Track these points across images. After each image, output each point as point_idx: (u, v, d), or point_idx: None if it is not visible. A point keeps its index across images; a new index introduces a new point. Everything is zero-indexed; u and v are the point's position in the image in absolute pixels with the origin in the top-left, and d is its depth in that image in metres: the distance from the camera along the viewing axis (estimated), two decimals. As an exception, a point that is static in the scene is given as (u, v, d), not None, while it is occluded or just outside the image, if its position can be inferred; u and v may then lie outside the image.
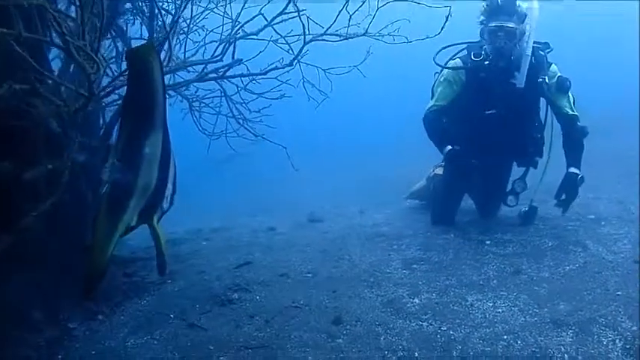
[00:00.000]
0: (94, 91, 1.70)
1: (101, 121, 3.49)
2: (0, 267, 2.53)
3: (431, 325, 2.59)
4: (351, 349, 2.40)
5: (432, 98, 4.02)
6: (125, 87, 1.95)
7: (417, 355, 2.31)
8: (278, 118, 4.20)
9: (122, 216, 1.70)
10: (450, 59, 3.93)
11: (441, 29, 3.39)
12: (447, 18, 3.29)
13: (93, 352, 2.64)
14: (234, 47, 3.23)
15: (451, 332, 2.49)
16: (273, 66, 3.50)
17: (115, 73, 3.09)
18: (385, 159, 7.96)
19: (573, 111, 3.79)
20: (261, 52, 3.59)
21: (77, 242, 3.09)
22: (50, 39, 1.47)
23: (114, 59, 3.30)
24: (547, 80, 3.68)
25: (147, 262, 3.93)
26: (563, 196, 3.73)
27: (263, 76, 3.77)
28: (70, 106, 1.79)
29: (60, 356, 2.64)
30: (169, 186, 1.89)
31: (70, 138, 2.24)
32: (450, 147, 3.84)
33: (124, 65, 3.33)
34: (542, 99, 3.91)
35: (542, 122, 3.94)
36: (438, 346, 2.37)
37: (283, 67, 3.45)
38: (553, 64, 3.83)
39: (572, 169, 3.72)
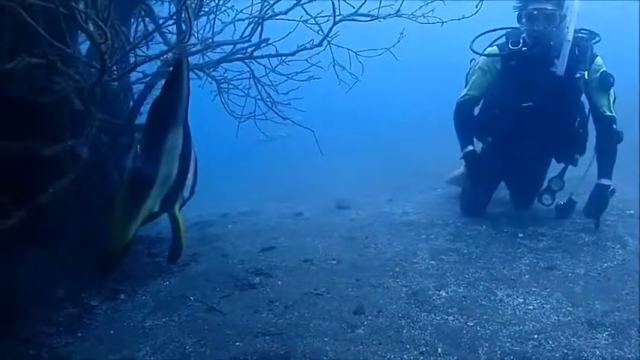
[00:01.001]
0: (106, 64, 1.65)
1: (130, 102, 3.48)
2: (22, 244, 2.54)
3: (457, 319, 2.47)
4: (371, 341, 2.32)
5: (465, 87, 3.84)
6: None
7: (439, 350, 2.20)
8: (307, 101, 4.10)
9: (145, 202, 1.79)
10: (488, 46, 3.73)
11: (477, 10, 3.20)
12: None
13: (111, 332, 2.63)
14: (262, 27, 3.14)
15: (478, 328, 2.37)
16: (302, 47, 3.38)
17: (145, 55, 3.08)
18: (418, 145, 7.78)
19: (611, 112, 3.52)
20: (290, 32, 3.49)
21: (102, 221, 3.10)
22: (55, 4, 1.42)
23: (142, 40, 3.26)
24: (586, 75, 3.41)
25: (169, 242, 3.93)
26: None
27: (292, 59, 3.69)
28: (88, 81, 1.74)
29: (79, 334, 2.64)
30: (190, 177, 1.98)
31: (91, 115, 2.21)
32: (470, 147, 3.72)
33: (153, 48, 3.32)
34: None
35: (587, 116, 3.67)
36: (463, 342, 2.26)
37: (312, 48, 3.33)
38: (598, 57, 3.54)
39: (603, 181, 3.48)
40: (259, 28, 3.23)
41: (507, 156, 3.73)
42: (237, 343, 2.37)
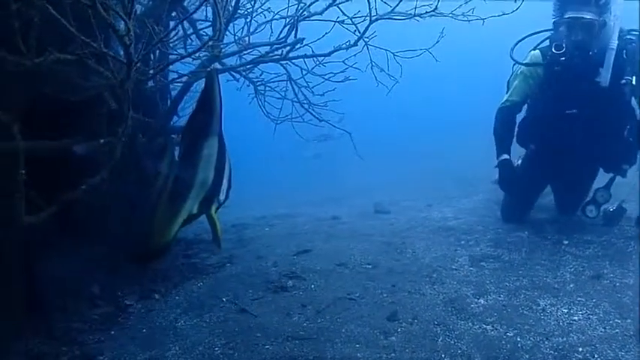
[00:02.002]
0: (132, 58, 1.65)
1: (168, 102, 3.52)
2: (60, 240, 2.60)
3: (496, 329, 2.35)
4: (404, 348, 2.23)
5: (507, 92, 3.68)
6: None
7: (476, 361, 2.09)
8: (345, 104, 4.05)
9: (184, 205, 2.02)
10: (532, 50, 3.57)
11: (518, 7, 3.06)
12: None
13: (144, 330, 2.65)
14: (296, 28, 3.12)
15: (518, 339, 2.25)
16: (338, 47, 3.34)
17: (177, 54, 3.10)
18: (460, 150, 7.60)
19: None
20: (327, 33, 3.46)
21: (138, 221, 3.15)
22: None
23: (179, 40, 3.31)
24: (634, 81, 3.19)
25: (209, 244, 3.95)
26: None
27: (330, 60, 3.65)
28: (117, 78, 1.75)
29: (112, 332, 2.67)
30: (225, 182, 2.20)
31: (124, 114, 2.24)
32: (506, 156, 3.57)
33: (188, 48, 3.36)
34: None
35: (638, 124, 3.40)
36: (501, 353, 2.14)
37: (348, 49, 3.29)
38: None
39: None
40: (294, 29, 3.20)
41: (550, 163, 3.55)
42: (267, 347, 2.34)
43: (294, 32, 3.19)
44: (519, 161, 3.85)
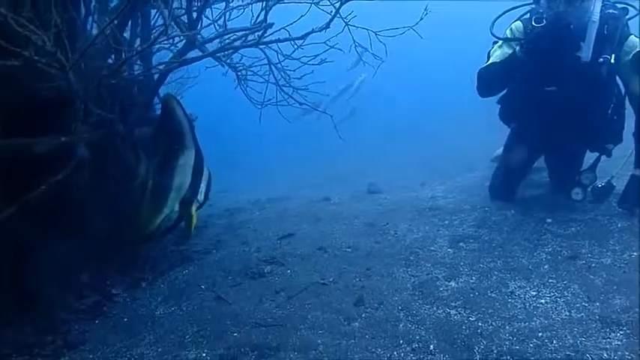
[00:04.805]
0: (64, 63, 1.67)
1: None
2: (51, 232, 2.69)
3: (459, 313, 2.35)
4: (364, 334, 2.25)
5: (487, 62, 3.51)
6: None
7: (431, 347, 2.10)
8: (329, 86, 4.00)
9: (165, 204, 2.44)
10: (513, 22, 3.42)
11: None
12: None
13: (125, 320, 2.73)
14: (267, 13, 3.08)
15: (479, 324, 2.24)
16: (312, 30, 3.29)
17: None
18: (455, 128, 7.46)
19: None
20: (302, 16, 3.40)
21: (123, 212, 3.21)
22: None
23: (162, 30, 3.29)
24: (612, 59, 3.04)
25: (199, 230, 4.02)
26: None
27: (312, 42, 3.60)
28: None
29: (97, 321, 2.76)
30: (203, 185, 2.58)
31: (88, 109, 2.28)
32: None
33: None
34: None
35: (623, 102, 3.30)
36: (459, 339, 2.14)
37: (321, 30, 3.23)
38: (632, 36, 3.14)
39: (638, 172, 3.10)
40: (266, 13, 3.16)
41: (533, 142, 3.45)
42: (235, 334, 2.39)
43: (266, 16, 3.14)
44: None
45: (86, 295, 3.04)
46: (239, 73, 3.80)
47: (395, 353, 2.09)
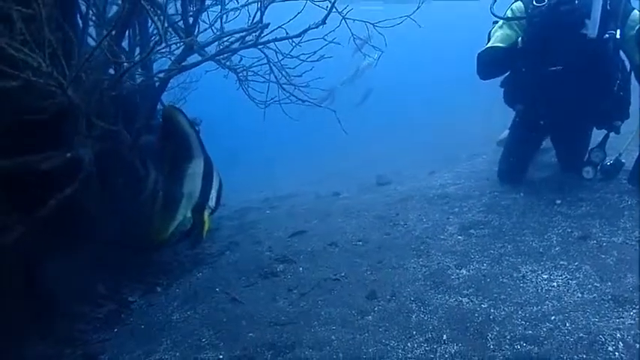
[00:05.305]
0: (61, 80, 1.69)
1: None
2: (64, 242, 2.74)
3: (472, 301, 2.36)
4: (378, 327, 2.27)
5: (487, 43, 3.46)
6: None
7: (444, 337, 2.11)
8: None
9: (177, 211, 2.60)
10: (513, 2, 3.39)
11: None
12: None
13: (142, 326, 2.77)
14: (262, 13, 3.09)
15: (492, 310, 2.24)
16: (308, 27, 3.29)
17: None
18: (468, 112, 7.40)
19: None
20: (298, 13, 3.39)
21: (136, 220, 3.26)
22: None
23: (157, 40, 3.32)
24: (618, 34, 2.99)
25: (212, 232, 4.05)
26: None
27: (312, 39, 3.60)
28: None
29: (115, 329, 2.81)
30: (214, 192, 2.74)
31: (91, 122, 2.31)
32: None
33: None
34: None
35: (629, 78, 3.25)
36: (472, 327, 2.15)
37: (317, 27, 3.23)
38: (635, 10, 3.09)
39: None
40: (263, 13, 3.17)
41: (539, 123, 3.42)
42: (250, 334, 2.42)
43: (262, 17, 3.16)
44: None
45: (102, 304, 3.09)
46: (239, 75, 3.81)
47: (408, 344, 2.11)
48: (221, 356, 2.29)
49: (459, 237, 3.07)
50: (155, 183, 3.15)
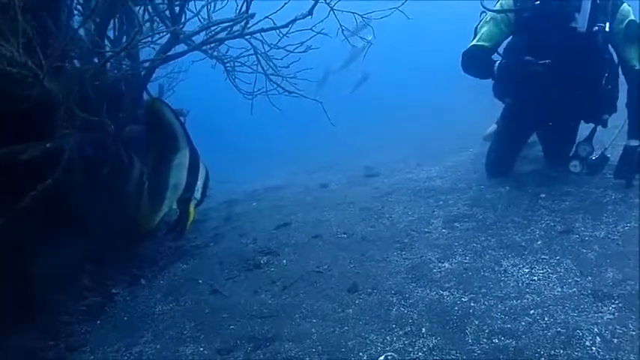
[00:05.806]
0: (37, 71, 1.67)
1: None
2: (49, 235, 2.71)
3: (452, 294, 2.36)
4: (357, 321, 2.27)
5: (473, 39, 3.45)
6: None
7: (424, 331, 2.11)
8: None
9: (162, 203, 2.50)
10: None
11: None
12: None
13: (125, 318, 2.76)
14: (248, 3, 3.06)
15: (472, 304, 2.25)
16: (295, 18, 3.26)
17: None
18: (456, 105, 7.39)
19: None
20: (285, 4, 3.36)
21: (120, 211, 3.24)
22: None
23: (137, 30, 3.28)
24: (607, 27, 3.00)
25: (197, 224, 4.04)
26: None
27: (299, 29, 3.57)
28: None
29: (98, 321, 2.79)
30: (199, 183, 2.62)
31: (73, 114, 2.28)
32: None
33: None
34: None
35: (617, 71, 3.27)
36: (451, 320, 2.15)
37: (303, 18, 3.20)
38: (624, 4, 3.11)
39: (632, 142, 3.09)
40: (249, 3, 3.14)
41: (528, 116, 3.42)
42: (231, 327, 2.41)
43: (248, 7, 3.12)
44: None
45: (87, 296, 3.08)
46: (227, 65, 3.78)
47: (387, 338, 2.11)
48: (201, 349, 2.29)
49: (444, 230, 3.07)
50: (140, 174, 3.12)
